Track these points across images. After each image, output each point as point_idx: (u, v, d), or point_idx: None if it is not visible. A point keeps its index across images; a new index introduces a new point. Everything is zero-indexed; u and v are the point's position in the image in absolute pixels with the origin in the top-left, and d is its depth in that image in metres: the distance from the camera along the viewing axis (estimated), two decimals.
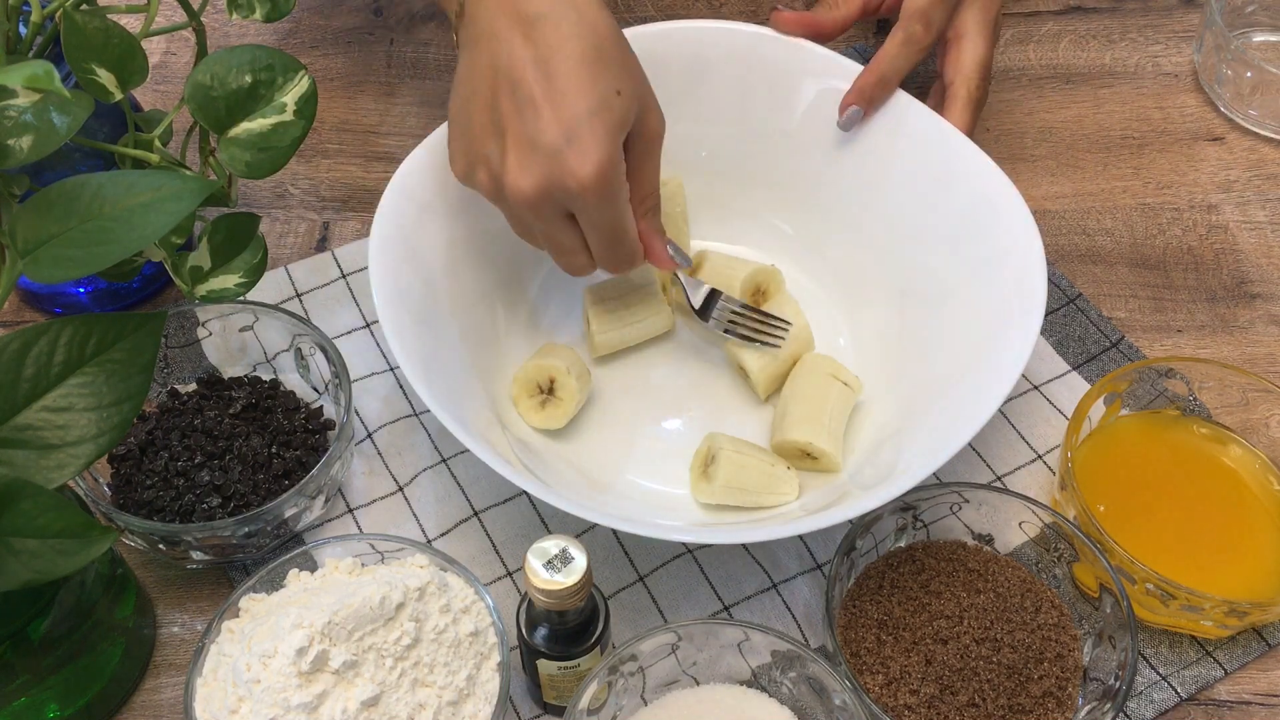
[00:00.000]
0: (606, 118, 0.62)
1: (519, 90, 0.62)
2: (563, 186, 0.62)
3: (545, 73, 0.61)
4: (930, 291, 0.75)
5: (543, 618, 0.60)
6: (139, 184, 0.57)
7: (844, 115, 0.77)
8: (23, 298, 0.81)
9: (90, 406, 0.54)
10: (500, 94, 0.62)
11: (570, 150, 0.61)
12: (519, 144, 0.62)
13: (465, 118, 0.65)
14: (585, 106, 0.61)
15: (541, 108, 0.61)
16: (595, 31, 0.62)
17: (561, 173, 0.62)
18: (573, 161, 0.61)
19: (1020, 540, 0.68)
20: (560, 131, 0.61)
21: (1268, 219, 0.88)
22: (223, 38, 0.97)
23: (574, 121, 0.61)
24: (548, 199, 0.63)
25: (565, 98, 0.61)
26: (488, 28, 0.63)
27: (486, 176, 0.65)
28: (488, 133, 0.64)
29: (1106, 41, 0.99)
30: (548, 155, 0.61)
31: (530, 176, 0.62)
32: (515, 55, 0.62)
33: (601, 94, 0.62)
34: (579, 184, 0.62)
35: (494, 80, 0.62)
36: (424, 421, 0.76)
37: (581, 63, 0.61)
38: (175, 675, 0.67)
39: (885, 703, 0.63)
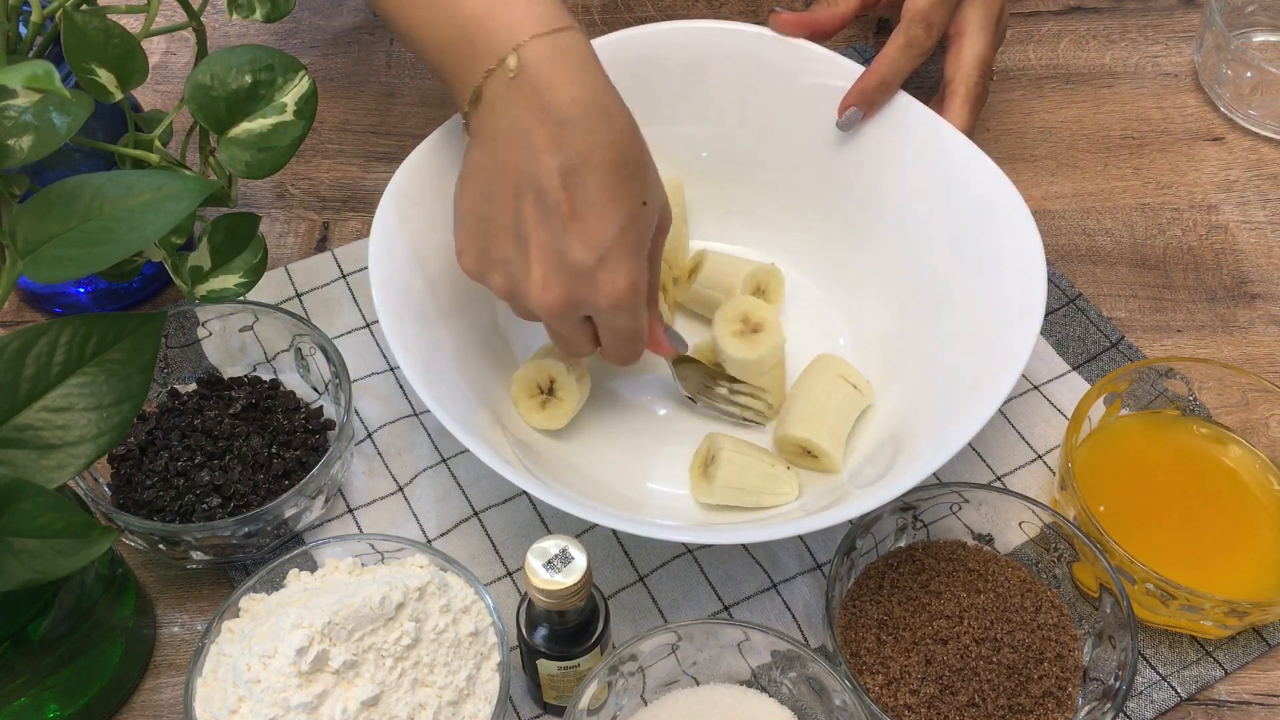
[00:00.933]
0: (635, 235, 0.61)
1: (544, 199, 0.60)
2: (592, 304, 0.62)
3: (574, 184, 0.60)
4: (930, 291, 0.75)
5: (543, 618, 0.60)
6: (139, 184, 0.57)
7: (844, 116, 0.77)
8: (23, 298, 0.81)
9: (90, 406, 0.54)
10: (524, 200, 0.61)
11: (601, 271, 0.61)
12: (545, 257, 0.61)
13: (481, 217, 0.63)
14: (616, 224, 0.60)
15: (570, 222, 0.60)
16: (623, 140, 0.61)
17: (592, 292, 0.62)
18: (603, 282, 0.61)
19: (1020, 540, 0.68)
20: (591, 251, 0.60)
21: (1268, 219, 0.88)
22: (223, 38, 0.97)
23: (604, 240, 0.60)
24: (572, 311, 0.63)
25: (595, 213, 0.60)
26: (512, 124, 0.60)
27: (503, 281, 0.64)
28: (508, 237, 0.62)
29: (1106, 41, 0.99)
30: (577, 273, 0.61)
31: (557, 292, 0.61)
32: (542, 162, 0.59)
33: (630, 208, 0.61)
34: (610, 303, 0.62)
35: (518, 184, 0.61)
36: (424, 421, 0.76)
37: (610, 174, 0.60)
38: (175, 675, 0.67)
39: (885, 703, 0.63)
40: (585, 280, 0.61)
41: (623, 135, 0.61)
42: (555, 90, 0.59)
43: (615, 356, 0.67)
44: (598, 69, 0.62)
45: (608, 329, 0.65)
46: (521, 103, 0.60)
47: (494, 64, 0.60)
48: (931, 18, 0.78)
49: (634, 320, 0.64)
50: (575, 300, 0.62)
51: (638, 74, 0.74)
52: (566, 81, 0.60)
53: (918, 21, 0.78)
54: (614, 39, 0.77)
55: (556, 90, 0.59)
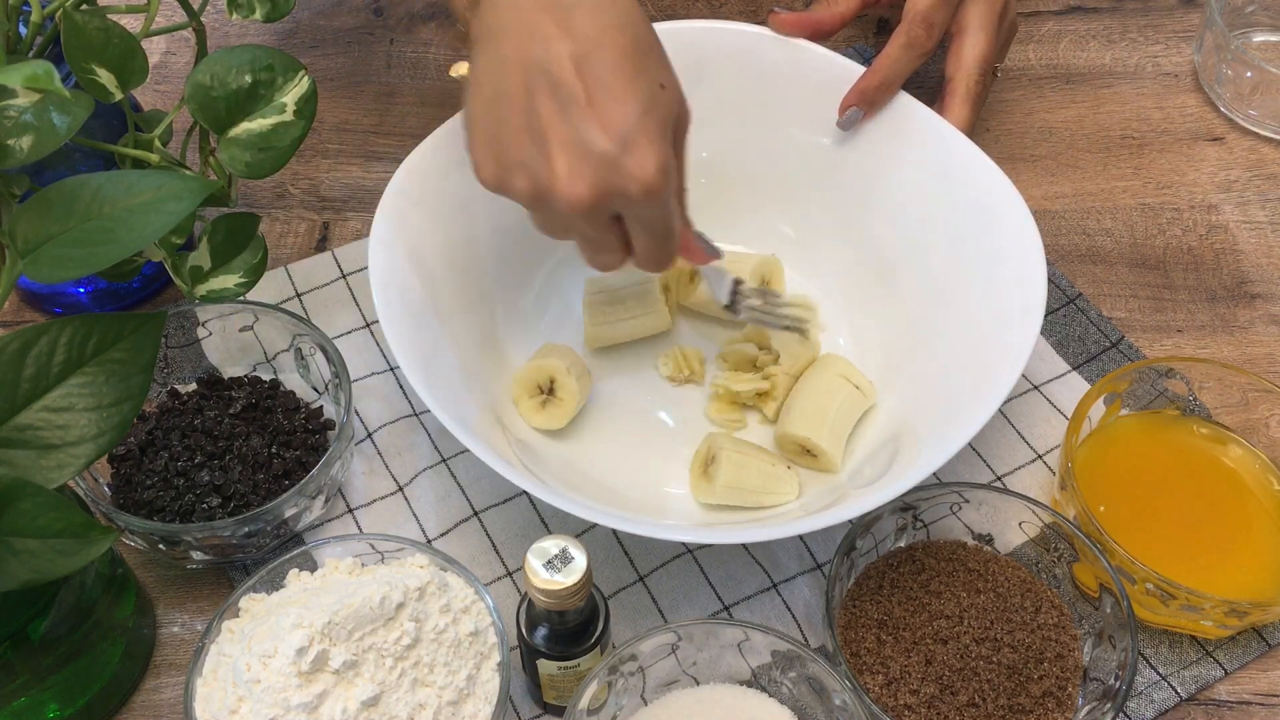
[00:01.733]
0: (658, 116, 0.58)
1: (560, 89, 0.57)
2: (622, 192, 0.58)
3: (588, 69, 0.57)
4: (930, 291, 0.75)
5: (543, 618, 0.60)
6: (139, 184, 0.57)
7: (844, 116, 0.77)
8: (23, 298, 0.81)
9: (90, 406, 0.54)
10: (538, 94, 0.58)
11: (628, 156, 0.57)
12: (569, 149, 0.58)
13: (493, 120, 0.60)
14: (636, 106, 0.57)
15: (589, 109, 0.57)
16: (633, 21, 0.58)
17: (621, 179, 0.58)
18: (632, 167, 0.57)
19: (1020, 540, 0.68)
20: (615, 136, 0.57)
21: (1268, 219, 0.88)
22: (223, 38, 0.97)
23: (627, 124, 0.57)
24: (604, 204, 0.59)
25: (614, 97, 0.57)
26: (514, 18, 0.58)
27: (527, 183, 0.60)
28: (524, 136, 0.59)
29: (1106, 41, 0.99)
30: (604, 161, 0.57)
31: (585, 183, 0.58)
32: (552, 50, 0.57)
33: (649, 90, 0.58)
34: (641, 188, 0.58)
35: (528, 78, 0.58)
36: (424, 421, 0.76)
37: (625, 56, 0.57)
38: (175, 675, 0.67)
39: (885, 703, 0.63)
40: (612, 167, 0.57)
41: (631, 15, 0.59)
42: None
43: (648, 258, 0.63)
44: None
45: (639, 224, 0.61)
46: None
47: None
48: (932, 18, 0.78)
49: (665, 210, 0.60)
50: (605, 189, 0.58)
51: None
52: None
53: (918, 22, 0.78)
54: None
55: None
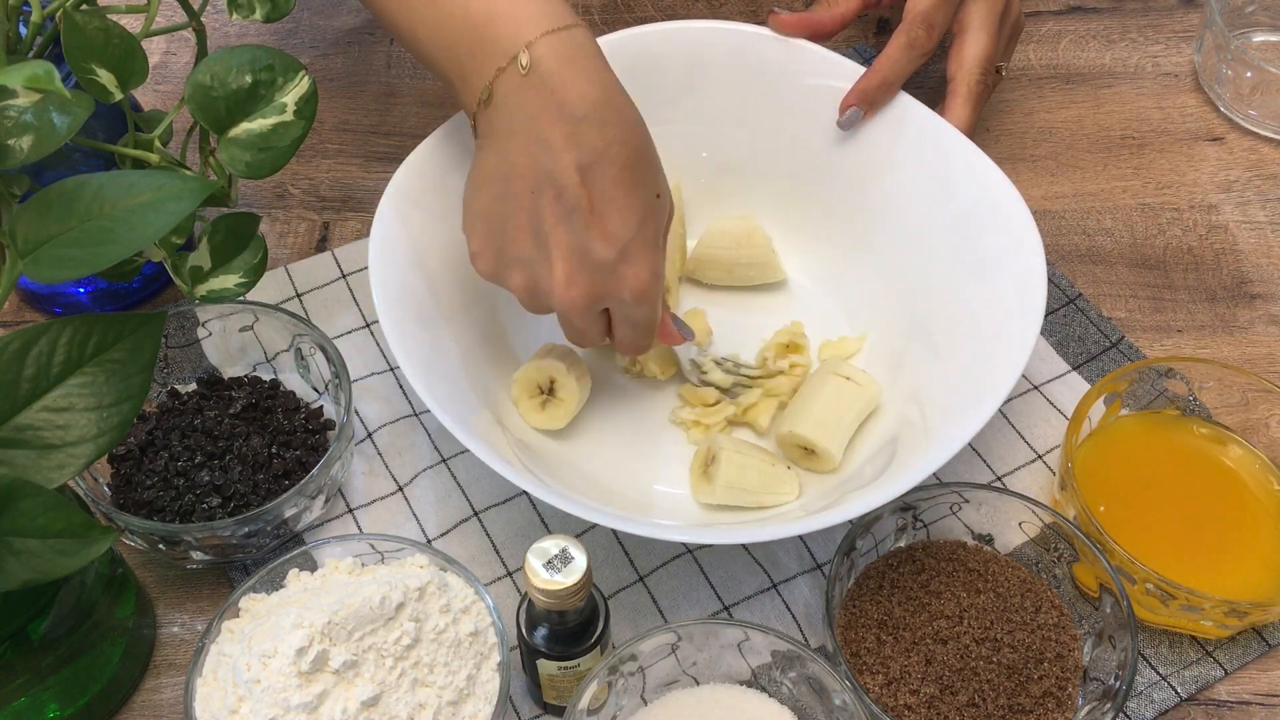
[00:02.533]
0: (653, 227, 0.63)
1: (564, 197, 0.61)
2: (615, 297, 0.64)
3: (592, 180, 0.60)
4: (930, 292, 0.75)
5: (543, 618, 0.60)
6: (139, 184, 0.57)
7: (844, 115, 0.77)
8: (23, 298, 0.81)
9: (90, 406, 0.54)
10: (543, 198, 0.61)
11: (623, 265, 0.62)
12: (568, 255, 0.62)
13: (497, 217, 0.63)
14: (635, 218, 0.62)
15: (591, 219, 0.61)
16: (634, 134, 0.62)
17: (616, 286, 0.63)
18: (627, 275, 0.63)
19: (1020, 540, 0.68)
20: (613, 245, 0.61)
21: (1268, 219, 0.88)
22: (223, 38, 0.97)
23: (625, 234, 0.61)
24: (595, 305, 0.64)
25: (614, 208, 0.61)
26: (525, 123, 0.61)
27: (524, 280, 0.64)
28: (526, 237, 0.63)
29: (1106, 41, 0.99)
30: (600, 269, 0.62)
31: (581, 288, 0.63)
32: (560, 160, 0.60)
33: (646, 201, 0.62)
34: (634, 295, 0.63)
35: (535, 183, 0.61)
36: (424, 421, 0.76)
37: (626, 169, 0.61)
38: (175, 675, 0.67)
39: (885, 703, 0.63)
40: (609, 275, 0.62)
41: (634, 130, 0.62)
42: (568, 87, 0.60)
43: (628, 347, 0.68)
44: (605, 65, 0.62)
45: (625, 320, 0.66)
46: (534, 101, 0.60)
47: (505, 62, 0.60)
48: (933, 18, 0.78)
49: (652, 310, 0.65)
50: (599, 295, 0.63)
51: (638, 74, 0.74)
52: (578, 78, 0.60)
53: (919, 22, 0.78)
54: (614, 39, 0.77)
55: (569, 87, 0.60)
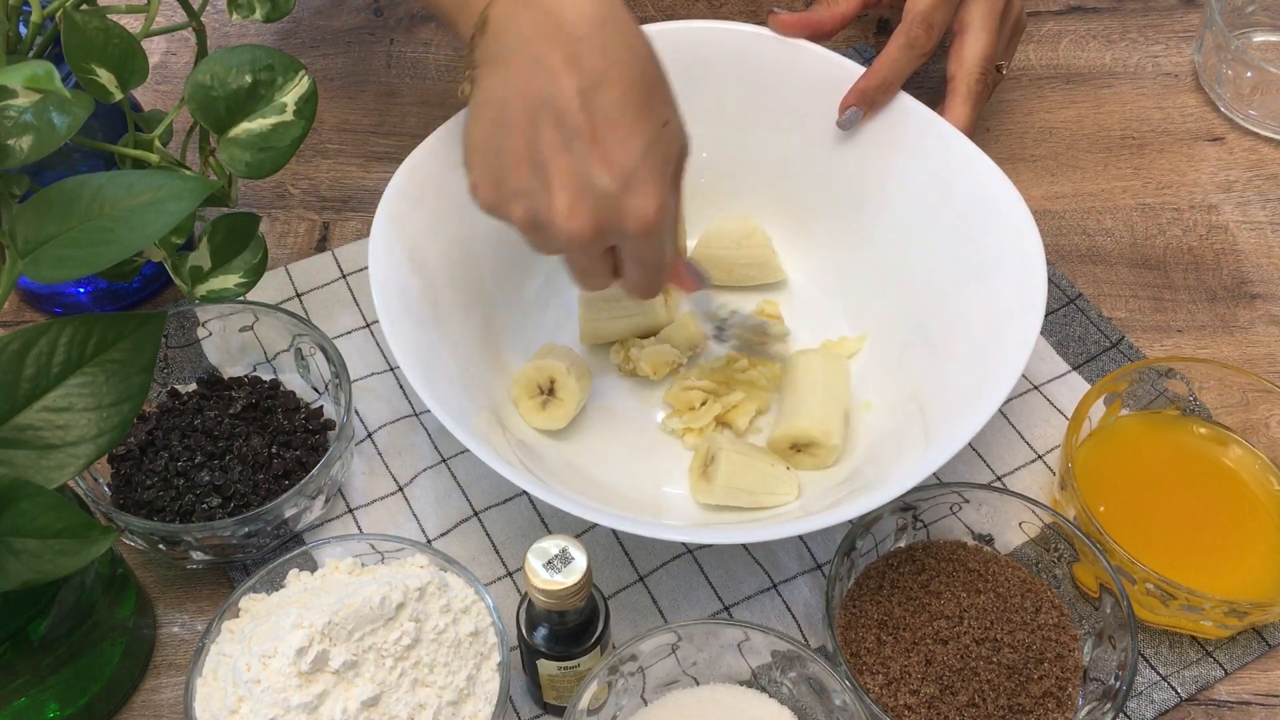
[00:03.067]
0: (660, 154, 0.59)
1: (565, 123, 0.57)
2: (619, 229, 0.59)
3: (594, 104, 0.57)
4: (930, 291, 0.75)
5: (543, 618, 0.60)
6: (139, 184, 0.57)
7: (844, 115, 0.77)
8: (23, 298, 0.81)
9: (90, 406, 0.54)
10: (541, 124, 0.58)
11: (628, 194, 0.58)
12: (569, 183, 0.58)
13: (494, 146, 0.60)
14: (639, 145, 0.57)
15: (592, 145, 0.57)
16: (640, 56, 0.58)
17: (619, 216, 0.58)
18: (631, 206, 0.58)
19: (1020, 540, 0.68)
20: (616, 173, 0.57)
21: (1268, 219, 0.88)
22: (223, 38, 0.97)
23: (629, 162, 0.57)
24: (600, 239, 0.60)
25: (618, 134, 0.57)
26: (521, 47, 0.58)
27: (525, 211, 0.60)
28: (525, 165, 0.59)
29: (1106, 41, 0.99)
30: (604, 198, 0.58)
31: (584, 218, 0.58)
32: (559, 83, 0.57)
33: (653, 128, 0.58)
34: (639, 226, 0.59)
35: (533, 109, 0.58)
36: (424, 421, 0.76)
37: (630, 92, 0.57)
38: (175, 675, 0.67)
39: (885, 703, 0.63)
40: (612, 204, 0.58)
41: (639, 50, 0.58)
42: (566, 6, 0.57)
43: (636, 287, 0.64)
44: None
45: (632, 257, 0.62)
46: (531, 22, 0.58)
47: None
48: (933, 18, 0.78)
49: (660, 247, 0.61)
50: (603, 226, 0.59)
51: None
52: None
53: (919, 22, 0.78)
54: None
55: (567, 6, 0.57)
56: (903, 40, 0.77)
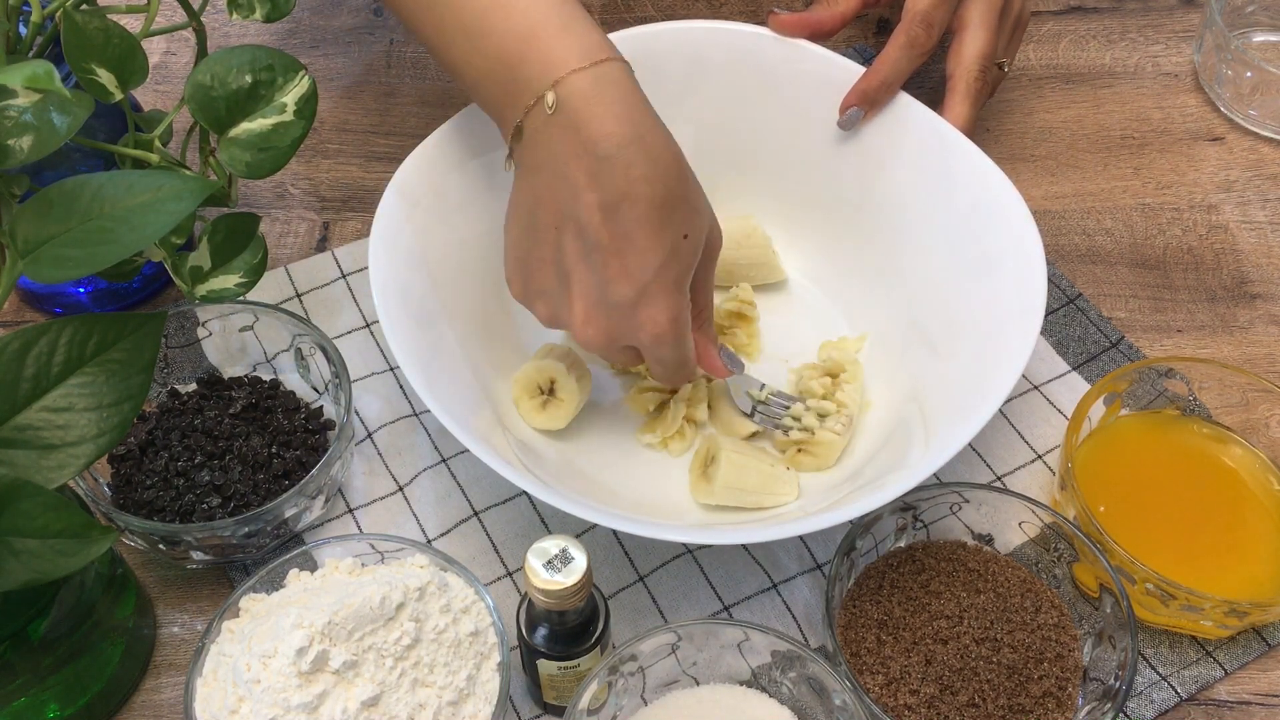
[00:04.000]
0: (675, 269, 0.62)
1: (585, 235, 0.60)
2: (633, 338, 0.63)
3: (614, 220, 0.60)
4: (930, 292, 0.75)
5: (543, 618, 0.60)
6: (139, 184, 0.57)
7: (844, 116, 0.77)
8: (23, 298, 0.81)
9: (90, 406, 0.54)
10: (565, 234, 0.61)
11: (641, 308, 0.61)
12: (586, 294, 0.62)
13: (524, 248, 0.64)
14: (656, 260, 0.60)
15: (610, 259, 0.60)
16: (664, 174, 0.60)
17: (633, 327, 0.62)
18: (644, 318, 0.62)
19: (1020, 540, 0.68)
20: (631, 288, 0.61)
21: (1268, 219, 0.88)
22: (223, 38, 0.97)
23: (644, 277, 0.61)
24: (614, 345, 0.64)
25: (635, 249, 0.60)
26: (552, 160, 0.61)
27: (547, 311, 0.65)
28: (549, 269, 0.63)
29: (1106, 41, 0.99)
30: (617, 310, 0.62)
31: (598, 328, 0.63)
32: (582, 198, 0.60)
33: (670, 243, 0.61)
34: (651, 338, 0.63)
35: (559, 219, 0.61)
36: (424, 421, 0.76)
37: (650, 210, 0.60)
38: (175, 675, 0.67)
39: (885, 703, 0.63)
40: (626, 316, 0.62)
41: (662, 168, 0.60)
42: (593, 125, 0.59)
43: (664, 380, 0.68)
44: (638, 101, 0.61)
45: (653, 359, 0.65)
46: (560, 139, 0.60)
47: (533, 100, 0.60)
48: (932, 18, 0.78)
49: (677, 351, 0.64)
50: (616, 335, 0.63)
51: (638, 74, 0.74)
52: (605, 116, 0.59)
53: (918, 22, 0.78)
54: (614, 39, 0.77)
55: (594, 125, 0.59)
56: (902, 40, 0.77)
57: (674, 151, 0.62)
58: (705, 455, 0.71)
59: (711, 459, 0.70)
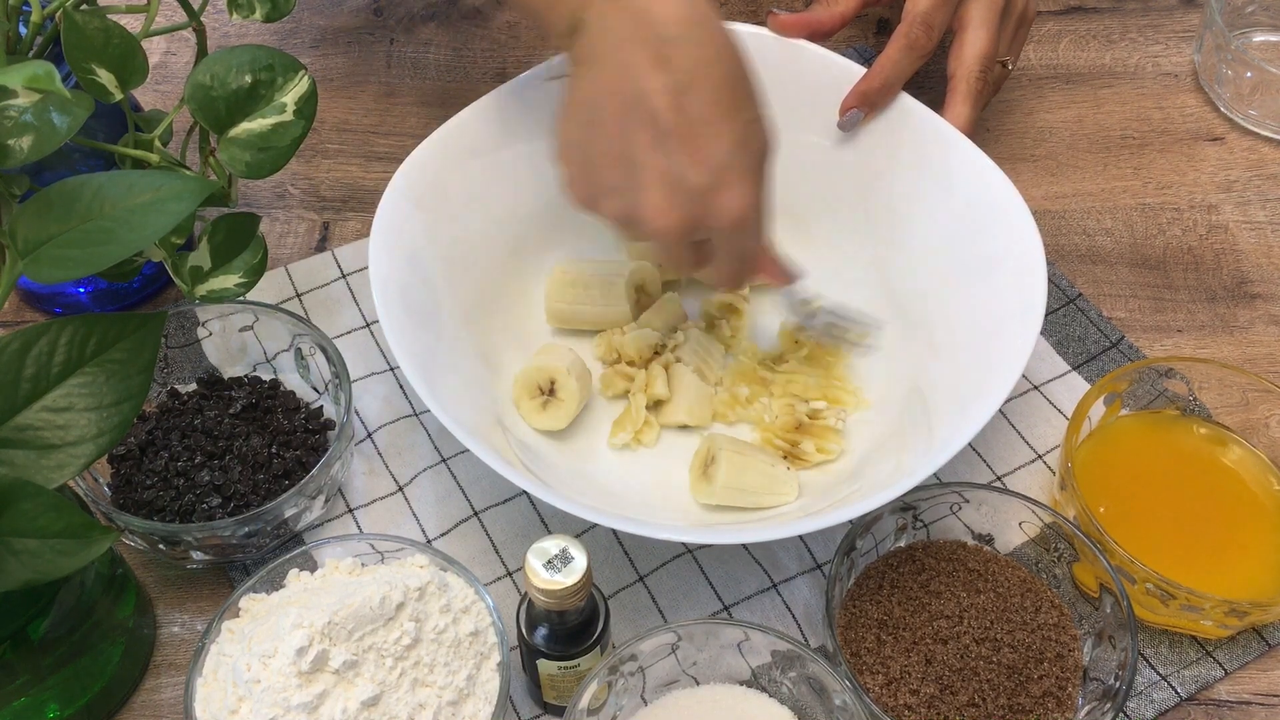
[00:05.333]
0: (750, 152, 0.60)
1: (656, 121, 0.58)
2: (710, 225, 0.61)
3: (685, 103, 0.58)
4: (930, 291, 0.75)
5: (543, 618, 0.60)
6: (139, 184, 0.57)
7: (844, 117, 0.77)
8: (23, 298, 0.81)
9: (90, 406, 0.54)
10: (634, 124, 0.59)
11: (719, 191, 0.59)
12: (661, 181, 0.59)
13: (587, 145, 0.62)
14: (730, 142, 0.59)
15: (684, 143, 0.58)
16: (728, 55, 0.59)
17: (710, 213, 0.60)
18: (723, 203, 0.60)
19: (1020, 540, 0.68)
20: (707, 171, 0.59)
21: (1268, 219, 0.88)
22: (223, 38, 0.97)
23: (720, 160, 0.59)
24: (691, 234, 0.61)
25: (708, 132, 0.58)
26: (612, 49, 0.59)
27: (619, 208, 0.62)
28: (617, 163, 0.61)
29: (1106, 41, 0.99)
30: (695, 195, 0.59)
31: (676, 215, 0.60)
32: (650, 83, 0.58)
33: (743, 124, 0.60)
34: (730, 223, 0.60)
35: (625, 108, 0.59)
36: (424, 421, 0.76)
37: (720, 91, 0.59)
38: (175, 675, 0.67)
39: (885, 703, 0.63)
40: (704, 201, 0.60)
41: (727, 49, 0.59)
42: (656, 8, 0.58)
43: (725, 278, 0.66)
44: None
45: (724, 250, 0.63)
46: (622, 23, 0.59)
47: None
48: (932, 19, 0.78)
49: (751, 240, 0.62)
50: (695, 223, 0.60)
51: None
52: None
53: (918, 23, 0.78)
54: None
55: (657, 8, 0.58)
56: (902, 42, 0.77)
57: (732, 34, 0.60)
58: (705, 455, 0.71)
59: (712, 459, 0.70)
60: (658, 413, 0.75)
